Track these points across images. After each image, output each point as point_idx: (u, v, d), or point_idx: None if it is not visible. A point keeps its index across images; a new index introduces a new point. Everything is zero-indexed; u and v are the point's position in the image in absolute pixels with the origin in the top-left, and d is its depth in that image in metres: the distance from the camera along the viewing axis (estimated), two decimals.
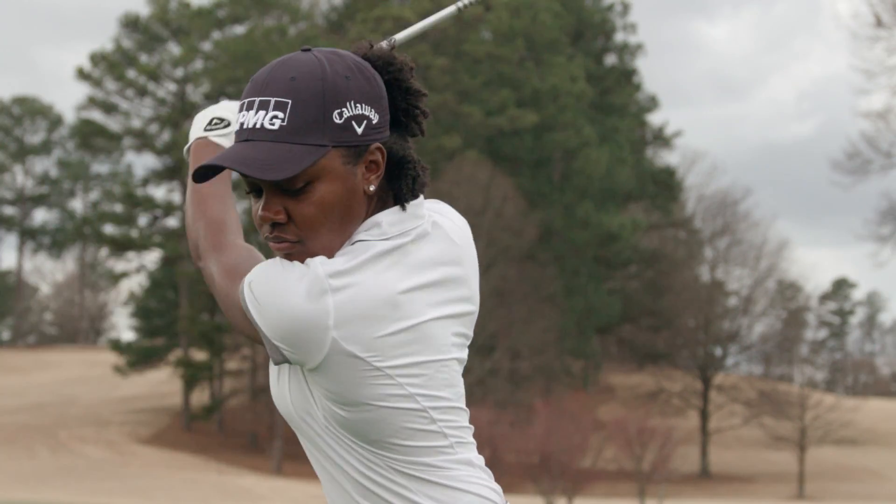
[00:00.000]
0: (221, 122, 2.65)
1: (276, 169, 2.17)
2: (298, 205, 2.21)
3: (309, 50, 2.27)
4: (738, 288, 72.92)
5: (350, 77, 2.23)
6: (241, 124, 2.23)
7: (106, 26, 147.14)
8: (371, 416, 2.22)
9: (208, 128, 2.65)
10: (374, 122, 2.24)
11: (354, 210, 2.25)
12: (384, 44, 2.49)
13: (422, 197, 2.35)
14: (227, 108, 2.67)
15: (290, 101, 2.20)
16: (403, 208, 2.30)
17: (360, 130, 2.22)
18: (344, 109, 2.21)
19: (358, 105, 2.23)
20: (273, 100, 2.20)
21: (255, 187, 2.25)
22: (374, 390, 2.20)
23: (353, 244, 2.25)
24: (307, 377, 2.24)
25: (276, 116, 2.19)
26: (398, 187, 2.31)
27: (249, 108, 2.23)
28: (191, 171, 2.39)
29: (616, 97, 72.21)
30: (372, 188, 2.26)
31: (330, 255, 2.23)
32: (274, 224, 2.24)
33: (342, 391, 2.21)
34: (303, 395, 2.27)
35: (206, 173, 2.25)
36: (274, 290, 2.18)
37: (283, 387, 2.31)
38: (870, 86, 72.87)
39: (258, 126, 2.20)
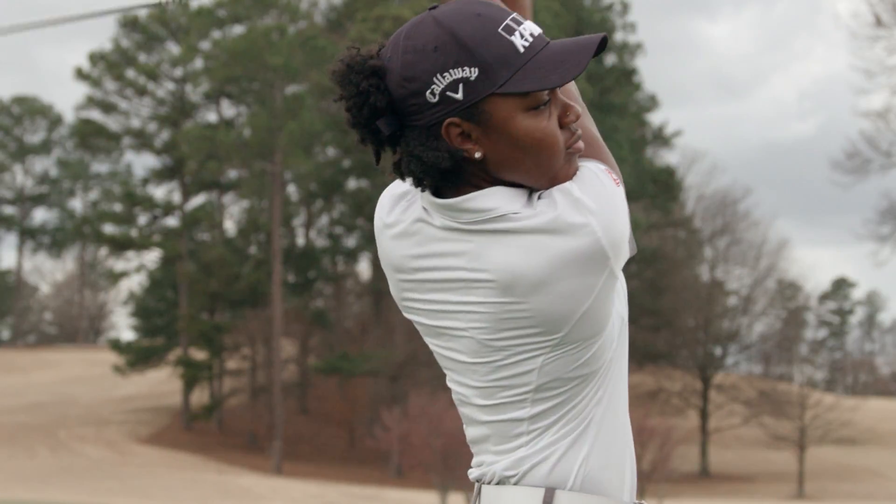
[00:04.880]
0: None
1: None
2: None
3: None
4: (737, 287, 72.93)
5: None
6: (523, 41, 2.17)
7: (105, 26, 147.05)
8: None
9: None
10: None
11: None
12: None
13: None
14: None
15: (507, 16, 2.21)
16: None
17: None
18: None
19: None
20: (503, 23, 2.17)
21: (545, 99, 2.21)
22: None
23: None
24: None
25: (522, 33, 2.18)
26: None
27: (510, 31, 2.17)
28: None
29: (616, 96, 72.17)
30: None
31: None
32: None
33: None
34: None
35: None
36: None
37: None
38: (870, 85, 72.95)
39: (536, 33, 2.18)
